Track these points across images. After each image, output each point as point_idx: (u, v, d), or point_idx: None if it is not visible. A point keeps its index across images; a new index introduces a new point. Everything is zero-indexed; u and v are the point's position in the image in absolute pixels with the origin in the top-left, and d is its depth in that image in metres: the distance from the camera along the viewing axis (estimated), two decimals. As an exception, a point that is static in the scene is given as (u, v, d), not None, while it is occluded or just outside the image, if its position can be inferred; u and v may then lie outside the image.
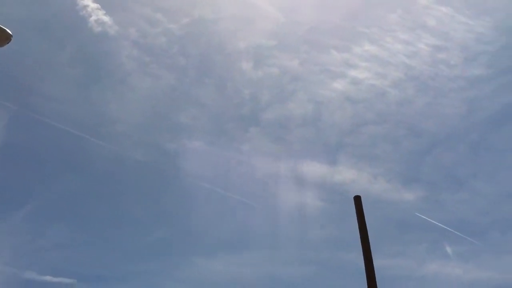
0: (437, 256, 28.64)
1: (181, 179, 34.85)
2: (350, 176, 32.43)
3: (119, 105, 34.89)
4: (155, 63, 35.31)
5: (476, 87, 33.10)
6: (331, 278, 31.59)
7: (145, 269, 32.49)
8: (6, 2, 30.60)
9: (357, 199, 11.66)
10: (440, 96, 33.66)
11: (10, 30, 10.16)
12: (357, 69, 33.99)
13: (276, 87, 35.82)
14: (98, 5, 33.44)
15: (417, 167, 34.04)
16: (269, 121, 35.63)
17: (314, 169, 33.25)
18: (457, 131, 33.61)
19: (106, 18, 33.39)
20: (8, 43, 10.24)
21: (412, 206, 30.62)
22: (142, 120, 35.72)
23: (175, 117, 35.81)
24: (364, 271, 10.76)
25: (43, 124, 32.21)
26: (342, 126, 35.19)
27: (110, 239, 33.56)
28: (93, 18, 33.08)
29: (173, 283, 31.31)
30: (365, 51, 34.20)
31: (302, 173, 33.36)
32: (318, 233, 32.32)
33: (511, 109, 32.63)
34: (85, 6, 32.99)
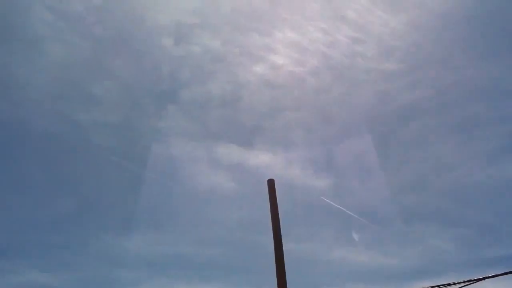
0: (344, 242, 29.75)
1: (92, 153, 33.72)
2: (265, 160, 32.81)
3: (29, 70, 32.96)
4: (70, 30, 33.63)
5: (389, 81, 34.47)
6: (242, 259, 31.93)
7: (49, 242, 31.31)
8: None
9: (270, 182, 11.73)
10: (355, 86, 34.75)
11: None
12: (277, 54, 34.27)
13: (197, 66, 35.38)
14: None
15: (329, 154, 35.02)
16: (187, 100, 35.18)
17: (230, 151, 33.32)
18: (368, 122, 34.88)
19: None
20: None
21: (323, 193, 31.54)
22: (52, 88, 34.00)
23: (89, 88, 34.42)
24: (274, 253, 10.89)
25: None
26: (260, 110, 35.45)
27: (10, 209, 31.89)
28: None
29: (81, 258, 30.39)
30: (286, 37, 34.53)
31: (217, 154, 33.34)
32: (230, 214, 32.52)
33: (420, 105, 34.32)
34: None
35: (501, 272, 9.29)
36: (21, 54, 32.82)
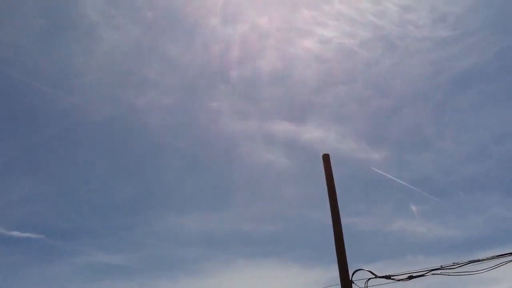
0: (402, 214, 29.43)
1: (148, 135, 34.54)
2: (318, 135, 32.68)
3: (84, 58, 33.99)
4: (121, 16, 34.33)
5: (443, 48, 33.39)
6: (300, 235, 32.17)
7: (115, 224, 32.55)
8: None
9: (326, 157, 11.68)
10: (408, 56, 33.87)
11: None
12: (326, 27, 33.80)
13: (245, 44, 35.40)
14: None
15: (383, 127, 34.48)
16: (238, 78, 35.33)
17: (282, 127, 33.35)
18: (423, 91, 34.03)
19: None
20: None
21: (379, 165, 31.15)
22: (108, 74, 34.98)
23: (142, 72, 35.16)
24: (332, 228, 10.93)
25: (5, 76, 31.21)
26: (310, 85, 35.18)
27: (78, 194, 33.31)
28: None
29: (144, 238, 31.46)
30: (333, 9, 33.97)
31: (270, 131, 33.44)
32: (287, 191, 32.70)
33: (476, 71, 33.12)
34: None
35: None
36: (76, 43, 33.85)
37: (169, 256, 32.04)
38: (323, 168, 11.66)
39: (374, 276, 10.26)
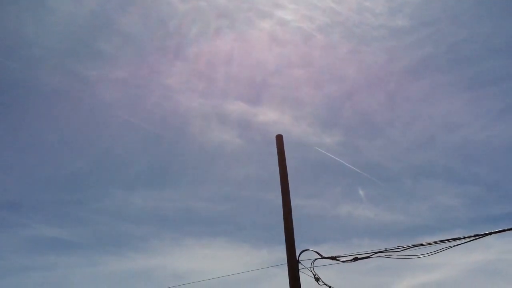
0: (351, 199, 30.02)
1: (100, 110, 33.79)
2: (272, 117, 32.78)
3: (36, 28, 32.71)
4: (76, -14, 33.14)
5: (398, 38, 33.96)
6: (250, 215, 32.37)
7: (61, 199, 31.87)
8: None
9: (279, 138, 11.72)
10: (363, 44, 34.27)
11: None
12: (284, 10, 33.72)
13: (203, 22, 34.93)
14: None
15: (337, 112, 34.92)
16: (195, 56, 34.88)
17: (237, 108, 33.27)
18: (377, 79, 34.59)
19: None
20: None
21: (331, 149, 31.59)
22: (60, 45, 33.82)
23: (97, 45, 34.20)
24: (282, 209, 10.99)
25: None
26: (267, 67, 35.17)
27: (24, 166, 32.32)
28: None
29: (90, 214, 30.94)
30: (293, -8, 33.86)
31: (225, 111, 33.30)
32: (239, 171, 32.75)
33: (429, 62, 33.88)
34: None
35: (508, 228, 9.35)
36: (29, 12, 32.53)
37: (116, 233, 31.70)
38: (276, 150, 11.69)
39: (320, 257, 10.42)
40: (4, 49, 31.90)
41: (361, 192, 26.87)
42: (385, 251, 10.00)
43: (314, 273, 10.47)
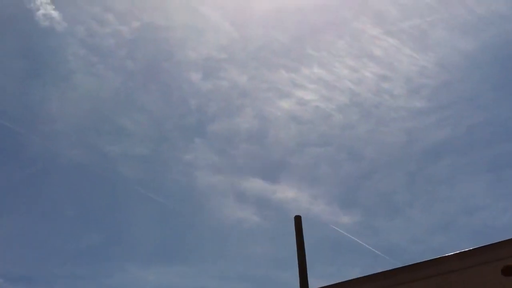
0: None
1: (119, 185, 34.15)
2: (290, 195, 32.76)
3: (60, 103, 33.86)
4: (101, 63, 34.61)
5: (417, 119, 34.33)
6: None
7: (75, 273, 31.57)
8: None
9: (297, 219, 11.77)
10: (382, 124, 34.67)
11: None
12: (304, 90, 34.55)
13: (224, 101, 35.88)
14: None
15: (355, 191, 34.81)
16: (214, 133, 35.56)
17: (255, 185, 33.39)
18: (396, 159, 34.67)
19: (54, 13, 32.53)
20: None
21: (349, 229, 31.21)
22: (83, 121, 34.83)
23: (118, 121, 35.13)
24: (299, 290, 10.83)
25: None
26: (286, 145, 35.58)
27: (38, 240, 32.38)
28: (41, 12, 32.14)
29: (101, 289, 30.46)
30: (312, 73, 34.81)
31: (243, 188, 33.42)
32: (255, 249, 32.37)
33: (448, 143, 34.01)
34: None
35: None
36: (54, 87, 33.83)
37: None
38: (293, 229, 11.71)
39: None
40: (28, 123, 32.94)
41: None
42: None
43: None
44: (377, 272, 10.77)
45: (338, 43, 35.05)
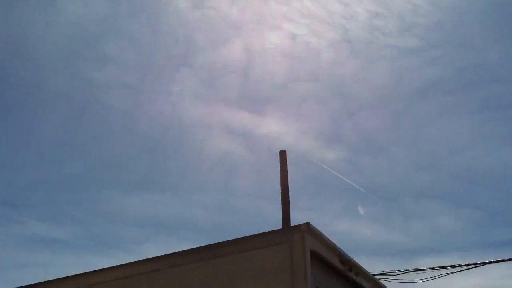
0: (350, 215, 29.85)
1: (104, 112, 33.79)
2: (276, 129, 32.75)
3: (44, 28, 32.79)
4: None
5: (407, 58, 33.98)
6: (248, 226, 32.31)
7: (57, 198, 31.81)
8: None
9: (282, 154, 11.84)
10: (372, 62, 34.30)
11: None
12: (294, 24, 33.80)
13: (212, 31, 35.04)
14: None
15: (341, 128, 34.90)
16: (201, 64, 34.97)
17: (241, 117, 33.28)
18: (383, 98, 34.56)
19: None
20: None
21: (333, 165, 31.52)
22: (68, 47, 33.84)
23: (104, 48, 34.21)
24: (281, 222, 10.99)
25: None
26: (273, 79, 35.18)
27: (21, 165, 32.34)
28: None
29: (85, 214, 30.89)
30: (304, 7, 33.94)
31: (229, 120, 33.32)
32: (239, 182, 32.69)
33: (437, 83, 33.86)
34: None
35: (507, 258, 9.33)
36: (37, 12, 32.65)
37: (110, 234, 31.63)
38: (278, 162, 11.79)
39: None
40: (11, 47, 32.02)
41: (360, 210, 26.82)
42: (383, 273, 9.96)
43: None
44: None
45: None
